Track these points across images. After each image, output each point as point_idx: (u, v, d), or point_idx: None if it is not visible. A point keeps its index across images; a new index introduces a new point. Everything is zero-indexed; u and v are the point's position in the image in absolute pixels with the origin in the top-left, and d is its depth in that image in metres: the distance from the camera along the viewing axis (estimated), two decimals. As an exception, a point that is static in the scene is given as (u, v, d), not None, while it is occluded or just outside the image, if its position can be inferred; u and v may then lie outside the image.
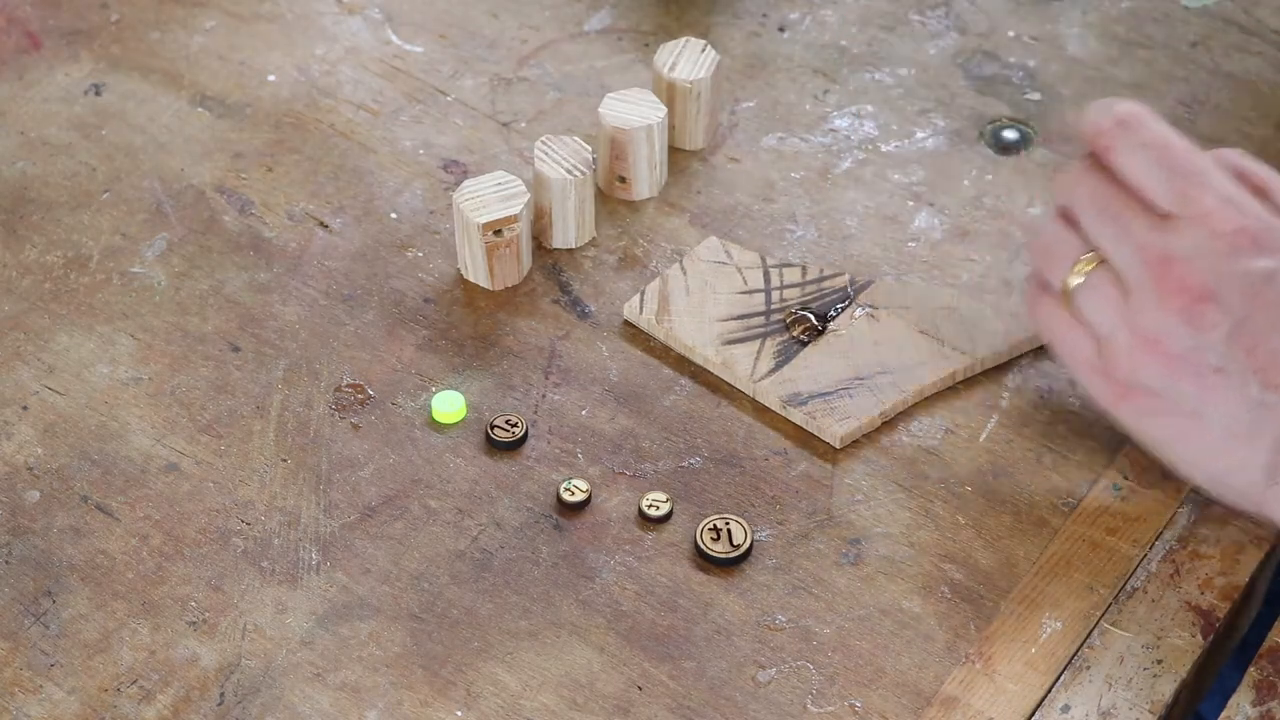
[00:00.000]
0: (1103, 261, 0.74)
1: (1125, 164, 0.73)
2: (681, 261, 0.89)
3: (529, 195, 0.88)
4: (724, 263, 0.89)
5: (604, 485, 0.81)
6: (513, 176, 0.88)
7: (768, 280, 0.88)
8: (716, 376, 0.85)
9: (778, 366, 0.85)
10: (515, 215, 0.87)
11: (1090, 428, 0.83)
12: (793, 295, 0.88)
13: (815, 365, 0.85)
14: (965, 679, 0.75)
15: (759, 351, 0.85)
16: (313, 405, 0.84)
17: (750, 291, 0.88)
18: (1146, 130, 0.73)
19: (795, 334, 0.85)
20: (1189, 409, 0.72)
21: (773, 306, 0.87)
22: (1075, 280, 0.75)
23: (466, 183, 0.88)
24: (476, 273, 0.89)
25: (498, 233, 0.87)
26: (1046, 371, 0.85)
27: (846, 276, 0.89)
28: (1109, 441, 0.82)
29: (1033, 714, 0.74)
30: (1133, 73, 0.99)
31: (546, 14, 1.04)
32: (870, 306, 0.87)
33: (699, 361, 0.86)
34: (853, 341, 0.86)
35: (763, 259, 0.89)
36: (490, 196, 0.87)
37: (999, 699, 0.74)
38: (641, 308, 0.87)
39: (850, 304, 0.87)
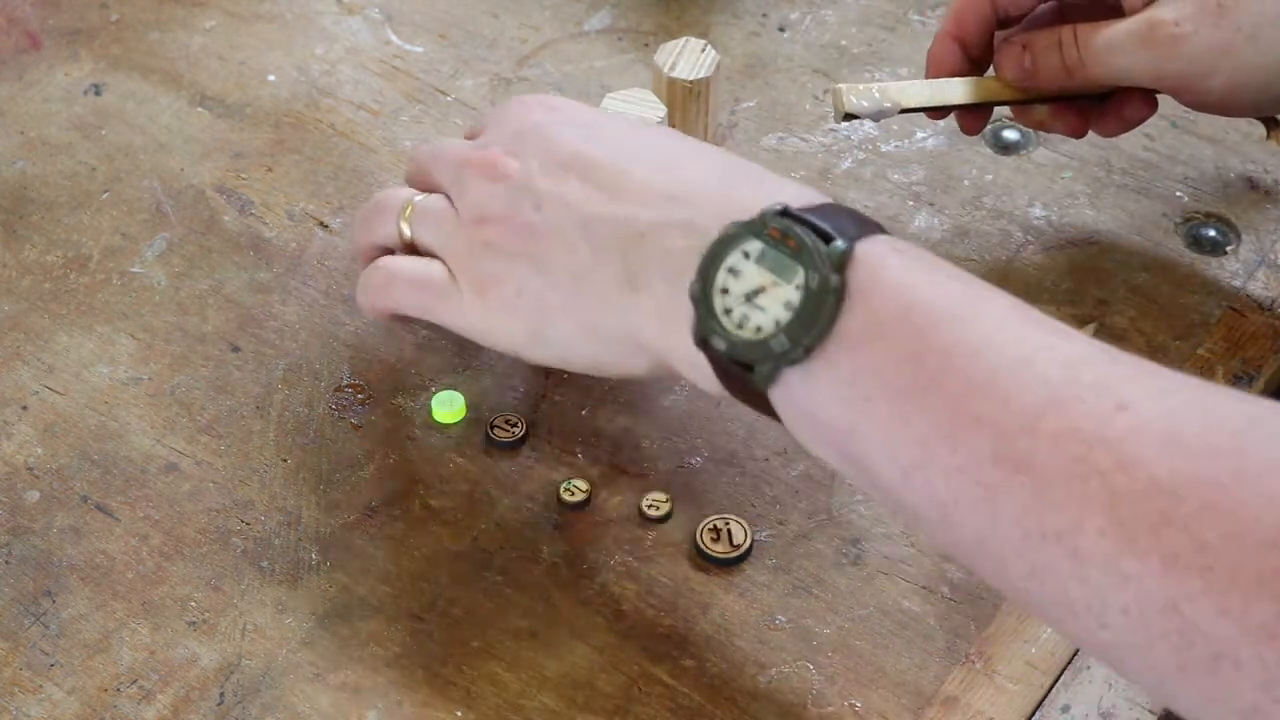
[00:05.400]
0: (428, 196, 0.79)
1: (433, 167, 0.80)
2: None
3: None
4: None
5: (604, 485, 0.81)
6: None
7: None
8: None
9: None
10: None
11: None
12: None
13: None
14: (965, 679, 0.75)
15: None
16: (313, 405, 0.84)
17: None
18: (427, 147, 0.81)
19: None
20: (533, 276, 0.73)
21: None
22: (406, 227, 0.78)
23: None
24: None
25: None
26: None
27: None
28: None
29: (1033, 714, 0.74)
30: (1133, 73, 0.99)
31: (546, 14, 1.04)
32: None
33: None
34: None
35: None
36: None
37: (999, 699, 0.74)
38: None
39: None
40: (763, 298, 0.65)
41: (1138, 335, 0.87)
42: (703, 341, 0.67)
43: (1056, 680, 0.75)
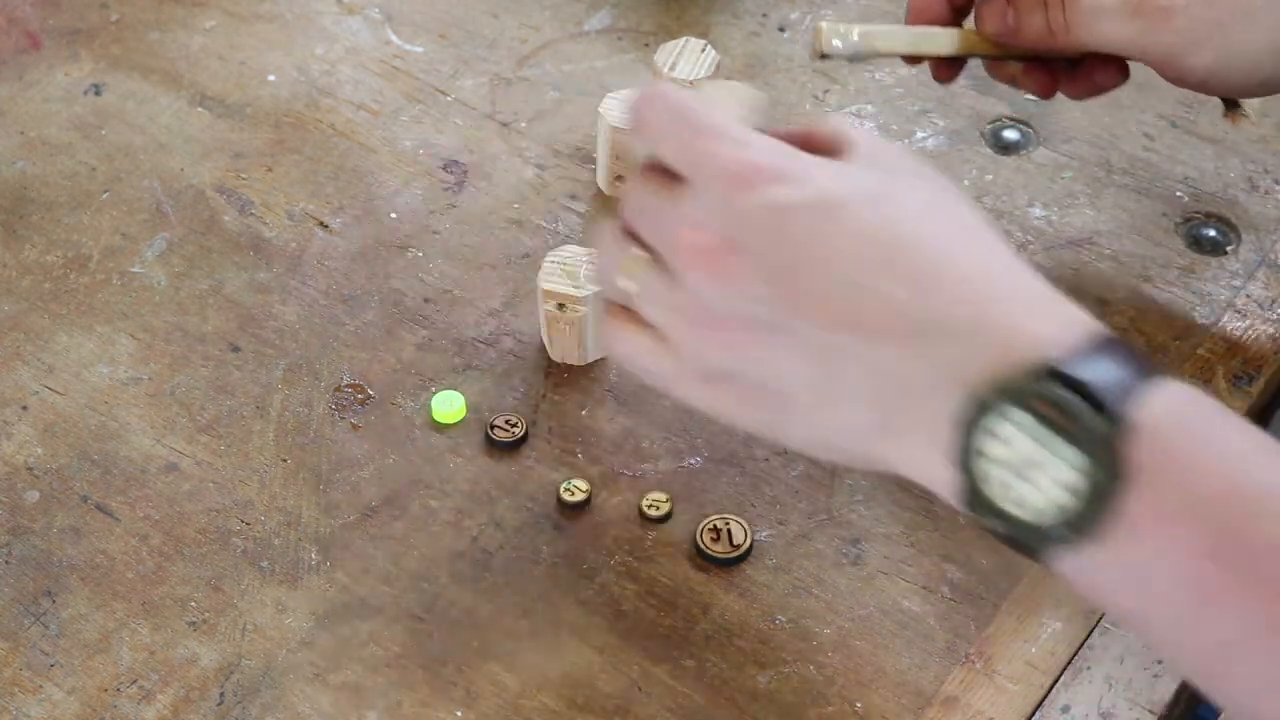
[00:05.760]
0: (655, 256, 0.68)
1: (654, 139, 0.67)
2: None
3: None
4: None
5: (604, 485, 0.81)
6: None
7: None
8: (716, 376, 0.85)
9: None
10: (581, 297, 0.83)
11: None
12: None
13: None
14: (965, 679, 0.75)
15: None
16: (313, 405, 0.84)
17: None
18: (667, 98, 0.67)
19: None
20: (767, 383, 0.65)
21: None
22: (625, 283, 0.68)
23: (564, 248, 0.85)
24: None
25: (561, 307, 0.84)
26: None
27: None
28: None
29: (1033, 714, 0.74)
30: (1133, 71, 0.99)
31: (546, 14, 1.04)
32: None
33: None
34: None
35: None
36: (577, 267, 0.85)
37: (999, 699, 0.74)
38: None
39: None
40: (1034, 472, 0.59)
41: (1138, 335, 0.87)
42: (969, 508, 0.61)
43: (1056, 680, 0.75)
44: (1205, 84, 0.82)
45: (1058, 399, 0.58)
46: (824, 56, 0.81)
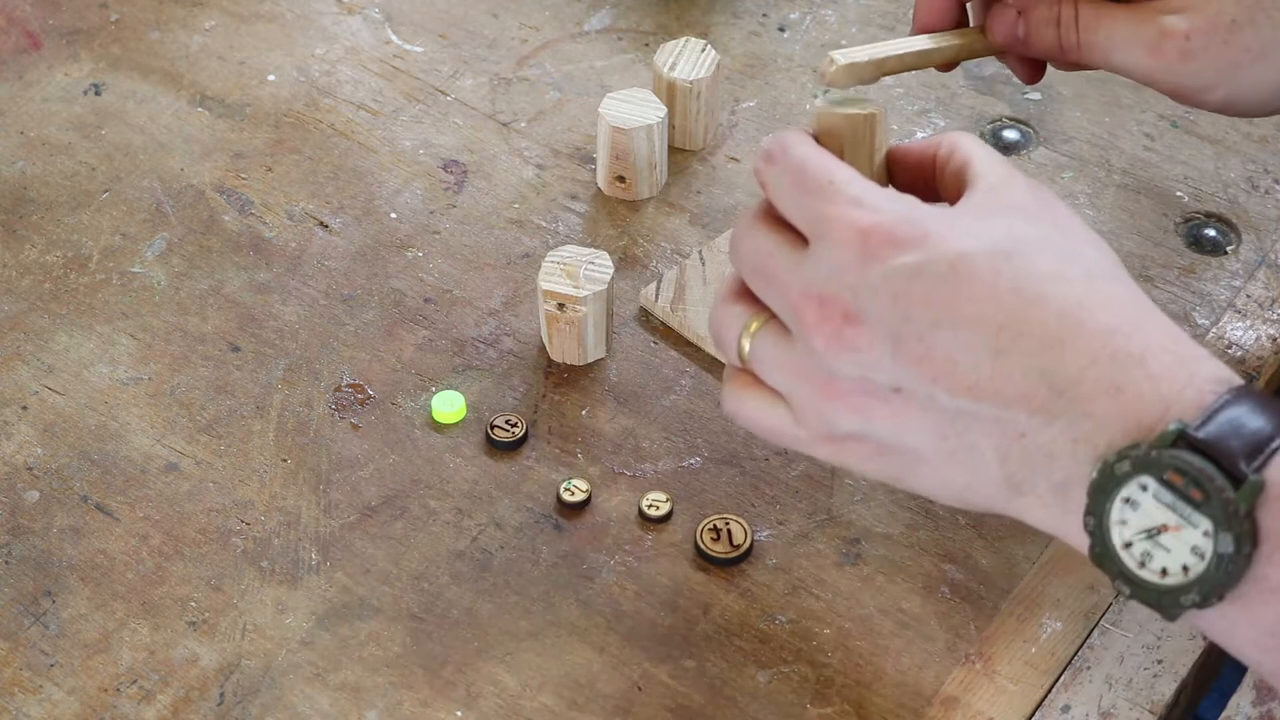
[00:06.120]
0: (771, 318, 0.67)
1: (774, 198, 0.67)
2: (700, 251, 0.89)
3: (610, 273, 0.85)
4: None
5: (604, 485, 0.81)
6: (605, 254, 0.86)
7: None
8: (716, 377, 0.85)
9: None
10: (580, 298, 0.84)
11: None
12: None
13: None
14: (965, 679, 0.75)
15: None
16: (313, 405, 0.84)
17: None
18: (787, 156, 0.67)
19: None
20: (895, 444, 0.65)
21: None
22: (747, 345, 0.68)
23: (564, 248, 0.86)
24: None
25: (560, 306, 0.85)
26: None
27: None
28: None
29: (1033, 714, 0.74)
30: (1133, 73, 1.00)
31: (546, 14, 1.04)
32: None
33: (711, 352, 0.86)
34: None
35: None
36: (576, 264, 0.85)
37: (999, 699, 0.74)
38: (657, 295, 0.88)
39: None
40: (1166, 537, 0.60)
41: (1138, 335, 0.87)
42: (1099, 567, 0.62)
43: (1056, 680, 0.75)
44: (1217, 110, 0.81)
45: (1187, 467, 0.58)
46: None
